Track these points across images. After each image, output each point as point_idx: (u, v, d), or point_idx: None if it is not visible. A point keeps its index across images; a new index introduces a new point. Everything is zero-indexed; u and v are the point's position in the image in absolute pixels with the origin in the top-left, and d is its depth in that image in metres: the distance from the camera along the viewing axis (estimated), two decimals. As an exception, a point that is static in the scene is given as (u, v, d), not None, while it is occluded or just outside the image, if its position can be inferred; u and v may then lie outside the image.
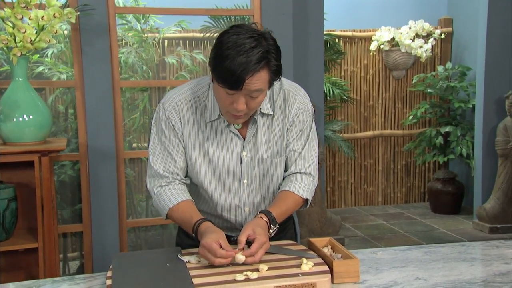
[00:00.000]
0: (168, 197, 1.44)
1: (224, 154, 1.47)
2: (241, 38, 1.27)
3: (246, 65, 1.25)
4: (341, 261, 1.29)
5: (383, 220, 4.71)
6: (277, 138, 1.49)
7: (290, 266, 1.28)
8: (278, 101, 1.48)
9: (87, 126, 2.72)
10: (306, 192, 1.50)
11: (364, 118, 5.20)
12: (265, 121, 1.48)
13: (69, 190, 3.05)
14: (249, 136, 1.47)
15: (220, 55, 1.27)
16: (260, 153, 1.48)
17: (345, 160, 5.17)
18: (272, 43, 1.31)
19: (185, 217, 1.42)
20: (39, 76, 3.02)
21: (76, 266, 3.27)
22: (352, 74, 5.12)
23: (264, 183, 1.51)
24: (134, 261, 1.33)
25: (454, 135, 4.69)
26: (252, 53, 1.25)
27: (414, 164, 5.35)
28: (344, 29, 5.02)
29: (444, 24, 5.24)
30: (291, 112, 1.48)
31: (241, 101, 1.32)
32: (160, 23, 3.53)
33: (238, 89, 1.29)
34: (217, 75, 1.30)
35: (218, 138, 1.46)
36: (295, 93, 1.50)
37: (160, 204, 1.46)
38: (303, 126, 1.51)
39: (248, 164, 1.48)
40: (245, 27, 1.31)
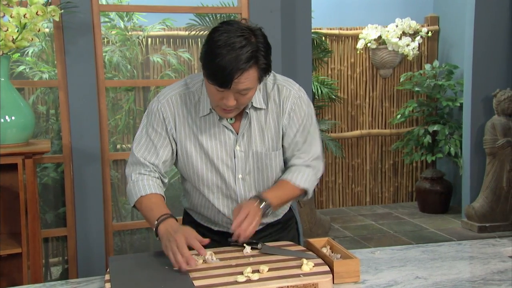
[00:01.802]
0: (143, 186, 1.48)
1: (218, 148, 1.51)
2: (231, 37, 1.30)
3: (235, 64, 1.29)
4: (341, 261, 1.31)
5: (372, 220, 4.77)
6: (272, 132, 1.52)
7: (291, 267, 1.29)
8: (271, 96, 1.52)
9: (71, 127, 2.70)
10: (304, 181, 1.53)
11: (351, 117, 5.25)
12: (258, 115, 1.51)
13: (52, 193, 3.02)
14: (242, 130, 1.50)
15: (210, 53, 1.32)
16: (254, 147, 1.51)
17: (333, 160, 5.22)
18: (262, 41, 1.35)
19: (152, 208, 1.43)
20: (20, 76, 2.99)
21: (58, 272, 3.24)
22: (339, 73, 5.16)
23: (260, 177, 1.54)
24: (132, 264, 1.33)
25: (442, 134, 4.77)
26: (241, 52, 1.29)
27: (402, 164, 5.42)
28: (330, 27, 5.07)
29: (431, 22, 5.32)
30: (286, 107, 1.52)
31: (231, 98, 1.37)
32: (144, 21, 3.51)
33: (226, 88, 1.33)
34: (207, 72, 1.35)
35: (211, 132, 1.50)
36: (290, 88, 1.53)
37: (134, 190, 1.49)
38: (302, 120, 1.54)
39: (242, 158, 1.51)
40: (235, 24, 1.35)
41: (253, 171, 1.53)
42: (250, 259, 1.36)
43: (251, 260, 1.35)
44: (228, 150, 1.51)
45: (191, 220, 1.67)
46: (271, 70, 1.40)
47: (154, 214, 1.41)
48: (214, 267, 1.31)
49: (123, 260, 1.37)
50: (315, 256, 1.37)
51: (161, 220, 1.37)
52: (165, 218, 1.38)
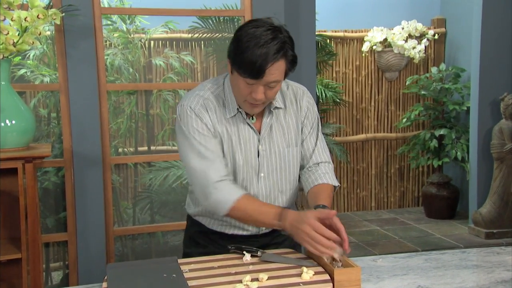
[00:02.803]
0: (229, 191, 1.47)
1: (243, 148, 1.56)
2: (259, 31, 1.39)
3: (266, 55, 1.37)
4: (342, 269, 1.31)
5: (377, 226, 4.76)
6: (291, 130, 1.61)
7: (291, 275, 1.29)
8: (288, 96, 1.63)
9: (72, 131, 2.71)
10: (335, 179, 1.65)
11: (356, 121, 5.25)
12: (277, 114, 1.60)
13: (53, 197, 3.03)
14: (264, 130, 1.58)
15: (240, 47, 1.40)
16: (276, 145, 1.59)
17: (337, 164, 5.21)
18: (287, 35, 1.44)
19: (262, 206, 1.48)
20: (21, 79, 3.00)
21: (59, 277, 3.24)
22: (344, 76, 5.16)
23: (281, 175, 1.61)
24: (130, 271, 1.33)
25: (449, 138, 4.75)
26: (271, 44, 1.38)
27: (408, 168, 5.41)
28: (335, 30, 5.07)
29: (437, 25, 5.32)
30: (303, 105, 1.64)
31: (260, 91, 1.44)
32: (147, 24, 3.53)
33: (259, 79, 1.40)
34: (238, 66, 1.41)
35: (238, 133, 1.56)
36: (302, 89, 1.68)
37: (224, 197, 1.47)
38: (314, 120, 1.66)
39: (265, 157, 1.58)
40: (260, 21, 1.44)
41: (275, 169, 1.60)
42: (249, 267, 1.37)
43: (250, 268, 1.35)
44: (252, 149, 1.57)
45: (201, 229, 1.68)
46: (297, 63, 1.47)
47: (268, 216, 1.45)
48: (213, 275, 1.31)
49: (121, 267, 1.37)
50: (316, 264, 1.37)
51: (279, 219, 1.43)
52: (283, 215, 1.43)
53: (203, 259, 1.44)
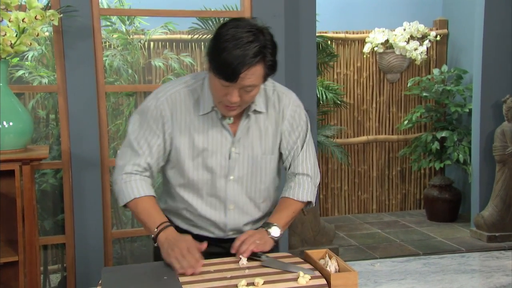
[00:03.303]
0: (137, 187, 1.49)
1: (213, 149, 1.52)
2: (239, 32, 1.35)
3: (243, 58, 1.33)
4: (338, 274, 1.30)
5: (378, 229, 4.75)
6: (269, 136, 1.57)
7: (287, 279, 1.29)
8: (271, 101, 1.57)
9: (70, 133, 2.71)
10: (306, 195, 1.59)
11: (357, 123, 5.24)
12: (257, 118, 1.55)
13: (51, 199, 3.03)
14: (240, 133, 1.53)
15: (218, 46, 1.35)
16: (250, 150, 1.55)
17: (338, 166, 5.20)
18: (269, 39, 1.39)
19: (151, 213, 1.48)
20: (19, 80, 3.01)
21: (57, 279, 3.25)
22: (345, 77, 5.16)
23: (252, 180, 1.57)
24: (125, 275, 1.33)
25: (451, 140, 4.74)
26: (249, 47, 1.33)
27: (409, 170, 5.40)
28: (336, 31, 5.06)
29: (440, 26, 5.31)
30: (286, 114, 1.58)
31: (235, 94, 1.40)
32: (146, 25, 3.53)
33: (233, 82, 1.36)
34: (214, 66, 1.37)
35: (209, 132, 1.52)
36: (289, 96, 1.61)
37: (127, 190, 1.49)
38: (300, 129, 1.60)
39: (237, 160, 1.54)
40: (244, 21, 1.40)
41: (246, 174, 1.56)
42: (245, 271, 1.36)
43: (246, 272, 1.35)
44: (223, 151, 1.53)
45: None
46: (277, 69, 1.43)
47: (154, 220, 1.46)
48: (209, 279, 1.31)
49: (116, 271, 1.37)
50: (312, 268, 1.36)
51: (161, 229, 1.43)
52: (166, 227, 1.44)
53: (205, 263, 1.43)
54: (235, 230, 1.62)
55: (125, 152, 1.54)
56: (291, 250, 3.55)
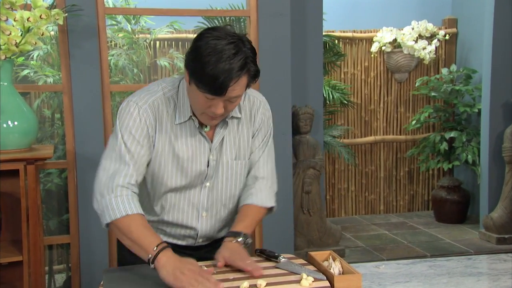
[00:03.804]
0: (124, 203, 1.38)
1: (193, 157, 1.50)
2: (220, 44, 1.31)
3: (229, 72, 1.30)
4: (342, 276, 1.30)
5: (385, 230, 4.73)
6: (243, 142, 1.57)
7: (290, 281, 1.28)
8: (244, 106, 1.57)
9: (75, 132, 2.72)
10: (268, 200, 1.59)
11: (365, 123, 5.22)
12: (232, 124, 1.55)
13: (56, 199, 3.05)
14: (217, 140, 1.52)
15: (200, 60, 1.31)
16: (226, 156, 1.54)
17: (345, 167, 5.19)
18: (250, 47, 1.37)
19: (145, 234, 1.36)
20: (24, 80, 3.03)
21: (62, 279, 3.26)
22: (352, 77, 5.14)
23: (226, 186, 1.57)
24: (127, 277, 1.33)
25: (459, 141, 4.71)
26: (234, 60, 1.31)
27: (417, 171, 5.37)
28: (344, 30, 5.05)
29: (449, 25, 5.28)
30: (256, 118, 1.58)
31: (220, 106, 1.38)
32: (152, 24, 3.54)
33: (221, 96, 1.34)
34: (197, 80, 1.34)
35: (188, 141, 1.50)
36: (260, 99, 1.61)
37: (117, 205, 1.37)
38: (267, 133, 1.61)
39: (214, 167, 1.53)
40: (221, 30, 1.36)
41: (221, 180, 1.55)
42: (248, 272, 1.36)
43: (249, 274, 1.35)
44: (202, 159, 1.51)
45: None
46: (259, 75, 1.41)
47: (151, 240, 1.34)
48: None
49: (117, 272, 1.37)
50: (316, 270, 1.36)
51: (160, 249, 1.32)
52: (164, 248, 1.33)
53: (201, 264, 1.43)
54: (206, 237, 1.61)
55: (112, 165, 1.43)
56: (297, 251, 3.54)
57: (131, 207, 1.38)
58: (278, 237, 3.04)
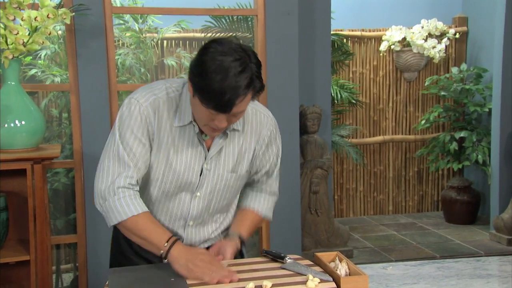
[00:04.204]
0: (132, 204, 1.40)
1: (186, 162, 1.48)
2: (226, 61, 1.28)
3: (236, 90, 1.28)
4: (349, 277, 1.29)
5: (394, 231, 4.71)
6: (242, 156, 1.54)
7: (296, 282, 1.28)
8: (249, 121, 1.54)
9: (82, 132, 2.73)
10: (269, 210, 1.65)
11: (373, 123, 5.20)
12: (232, 136, 1.52)
13: (63, 199, 3.06)
14: (214, 149, 1.50)
15: (206, 77, 1.28)
16: (221, 167, 1.52)
17: (354, 167, 5.17)
18: (255, 62, 1.34)
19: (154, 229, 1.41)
20: (31, 79, 3.04)
21: (70, 279, 3.28)
22: (361, 76, 5.12)
23: (217, 197, 1.55)
24: (132, 277, 1.34)
25: (470, 141, 4.68)
26: (240, 78, 1.28)
27: (426, 171, 5.34)
28: (352, 29, 5.03)
29: (459, 23, 5.24)
30: (263, 134, 1.56)
31: (224, 120, 1.36)
32: (159, 23, 3.55)
33: (226, 113, 1.33)
34: (202, 96, 1.31)
35: (184, 145, 1.47)
36: (267, 115, 1.59)
37: (121, 207, 1.40)
38: (277, 149, 1.61)
39: (207, 177, 1.51)
40: (226, 45, 1.32)
41: (212, 191, 1.53)
42: (253, 273, 1.35)
43: (254, 275, 1.34)
44: (196, 167, 1.49)
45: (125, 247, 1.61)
46: (263, 89, 1.38)
47: (161, 236, 1.40)
48: (213, 283, 1.30)
49: (123, 272, 1.37)
50: (322, 271, 1.35)
51: (172, 243, 1.38)
52: (175, 241, 1.39)
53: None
54: (190, 245, 1.58)
55: (111, 165, 1.43)
56: (304, 252, 3.53)
57: (136, 207, 1.41)
58: (285, 238, 3.03)
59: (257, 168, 1.59)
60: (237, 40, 1.36)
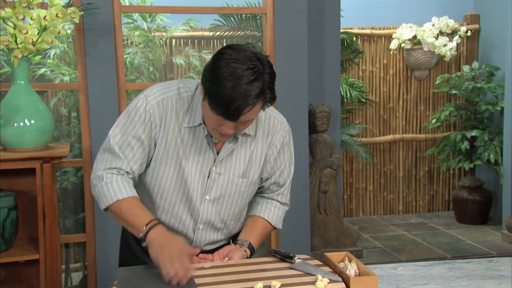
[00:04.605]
0: (119, 188, 1.42)
1: (194, 164, 1.48)
2: (239, 69, 1.28)
3: (245, 99, 1.28)
4: (358, 278, 1.29)
5: (404, 231, 4.69)
6: (253, 161, 1.53)
7: (305, 283, 1.28)
8: (262, 124, 1.54)
9: (91, 131, 2.75)
10: (280, 221, 1.64)
11: (383, 121, 5.18)
12: (244, 140, 1.51)
13: (72, 198, 3.08)
14: (224, 153, 1.49)
15: (217, 82, 1.29)
16: (231, 171, 1.51)
17: (363, 166, 5.15)
18: (269, 72, 1.33)
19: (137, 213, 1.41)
20: (41, 78, 3.06)
21: (79, 277, 3.30)
22: (370, 75, 5.10)
23: (228, 202, 1.54)
24: (141, 276, 1.34)
25: (481, 140, 4.64)
26: (251, 87, 1.28)
27: (437, 171, 5.31)
28: (362, 27, 5.01)
29: (471, 21, 5.21)
30: (275, 140, 1.55)
31: (231, 127, 1.36)
32: (168, 22, 3.56)
33: (233, 121, 1.33)
34: (211, 101, 1.31)
35: (193, 146, 1.48)
36: (281, 121, 1.58)
37: (109, 192, 1.42)
38: (289, 157, 1.60)
39: (215, 180, 1.50)
40: (242, 52, 1.32)
41: (223, 196, 1.53)
42: (262, 273, 1.35)
43: (263, 275, 1.34)
44: (203, 168, 1.49)
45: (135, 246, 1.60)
46: (275, 100, 1.38)
47: (142, 219, 1.40)
48: (225, 281, 1.30)
49: (131, 271, 1.38)
50: (331, 271, 1.35)
51: (151, 226, 1.37)
52: (155, 225, 1.38)
53: (216, 264, 1.44)
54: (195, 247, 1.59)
55: (105, 156, 1.47)
56: (313, 251, 3.53)
57: (122, 192, 1.42)
58: (294, 238, 3.03)
59: (268, 175, 1.58)
60: (253, 48, 1.35)
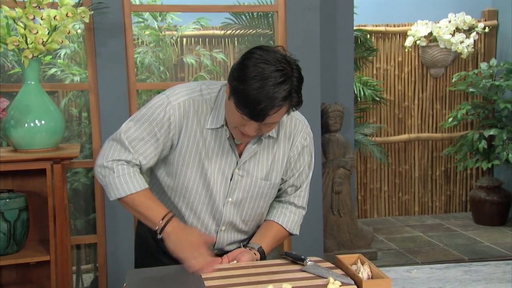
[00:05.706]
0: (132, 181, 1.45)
1: (217, 166, 1.50)
2: (268, 70, 1.29)
3: (272, 100, 1.29)
4: (371, 281, 1.28)
5: (420, 232, 4.65)
6: (276, 163, 1.54)
7: (316, 285, 1.28)
8: (284, 126, 1.55)
9: (101, 131, 2.76)
10: (297, 227, 1.64)
11: (398, 120, 5.15)
12: (267, 143, 1.52)
13: (83, 199, 3.10)
14: (247, 155, 1.50)
15: (244, 81, 1.30)
16: (254, 173, 1.52)
17: (378, 166, 5.13)
18: (297, 76, 1.34)
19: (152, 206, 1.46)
20: (51, 79, 3.09)
21: (90, 279, 3.33)
22: (385, 73, 5.07)
23: (251, 205, 1.55)
24: (150, 278, 1.35)
25: (499, 139, 4.59)
26: (279, 89, 1.29)
27: (454, 171, 5.26)
28: (376, 24, 4.99)
29: (488, 17, 5.15)
30: (295, 142, 1.56)
31: (254, 128, 1.37)
32: (179, 21, 3.57)
33: (258, 122, 1.34)
34: (238, 101, 1.33)
35: (215, 148, 1.49)
36: (303, 122, 1.59)
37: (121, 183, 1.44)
38: (308, 160, 1.60)
39: (238, 182, 1.52)
40: (271, 54, 1.32)
41: (246, 198, 1.54)
42: (273, 276, 1.35)
43: (274, 277, 1.34)
44: (226, 170, 1.50)
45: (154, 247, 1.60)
46: (301, 104, 1.39)
47: (157, 212, 1.45)
48: (235, 283, 1.31)
49: (141, 273, 1.39)
50: (343, 274, 1.35)
51: (167, 220, 1.43)
52: (171, 218, 1.44)
53: (226, 267, 1.44)
54: (219, 249, 1.60)
55: (113, 146, 1.48)
56: (327, 253, 3.52)
57: (135, 185, 1.46)
58: (307, 239, 3.02)
59: (287, 177, 1.59)
60: (284, 51, 1.36)
